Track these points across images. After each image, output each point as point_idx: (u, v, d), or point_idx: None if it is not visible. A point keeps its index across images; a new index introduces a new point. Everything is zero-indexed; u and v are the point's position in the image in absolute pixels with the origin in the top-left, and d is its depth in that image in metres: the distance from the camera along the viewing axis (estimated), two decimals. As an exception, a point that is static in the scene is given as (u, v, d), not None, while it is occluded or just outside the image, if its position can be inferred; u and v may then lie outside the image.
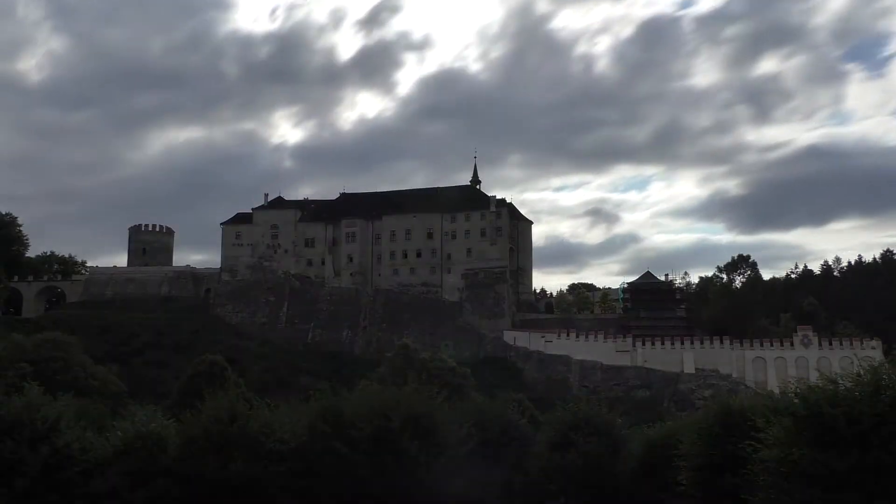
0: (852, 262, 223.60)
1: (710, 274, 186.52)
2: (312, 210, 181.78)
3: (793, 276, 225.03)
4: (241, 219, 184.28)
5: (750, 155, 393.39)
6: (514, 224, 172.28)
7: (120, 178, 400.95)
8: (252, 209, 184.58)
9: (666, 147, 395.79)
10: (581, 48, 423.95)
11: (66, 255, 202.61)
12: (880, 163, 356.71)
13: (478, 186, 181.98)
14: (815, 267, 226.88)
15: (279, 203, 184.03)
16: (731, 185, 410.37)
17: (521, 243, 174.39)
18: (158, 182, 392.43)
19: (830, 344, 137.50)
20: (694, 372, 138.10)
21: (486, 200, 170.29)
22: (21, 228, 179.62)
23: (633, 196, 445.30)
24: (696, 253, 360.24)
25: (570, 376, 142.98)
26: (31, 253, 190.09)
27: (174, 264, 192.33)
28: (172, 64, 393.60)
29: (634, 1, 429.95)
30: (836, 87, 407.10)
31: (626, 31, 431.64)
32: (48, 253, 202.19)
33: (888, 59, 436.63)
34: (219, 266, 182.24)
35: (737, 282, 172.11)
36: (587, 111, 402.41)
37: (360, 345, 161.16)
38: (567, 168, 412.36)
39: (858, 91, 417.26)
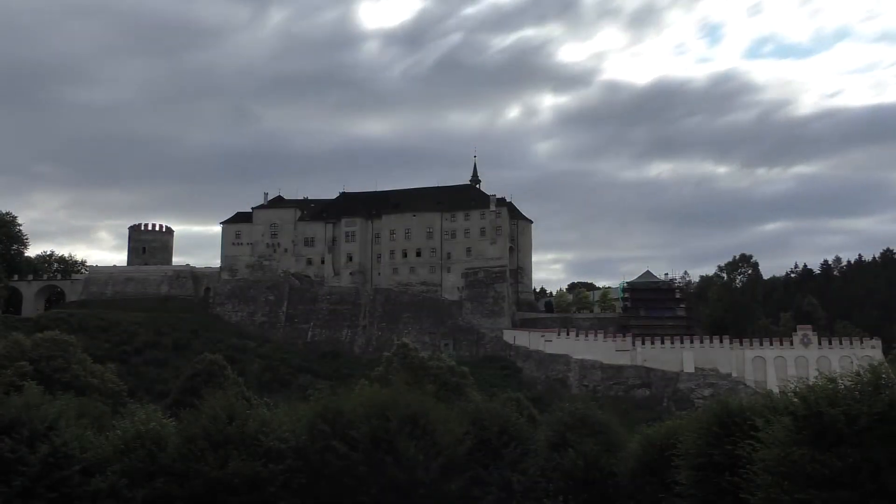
0: (852, 262, 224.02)
1: (710, 273, 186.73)
2: (312, 209, 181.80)
3: (793, 275, 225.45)
4: (240, 218, 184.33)
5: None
6: (514, 223, 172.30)
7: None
8: (252, 208, 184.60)
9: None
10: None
11: (66, 255, 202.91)
12: None
13: (478, 185, 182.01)
14: (815, 267, 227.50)
15: (279, 202, 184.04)
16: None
17: (520, 242, 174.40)
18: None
19: (830, 343, 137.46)
20: (693, 371, 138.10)
21: (485, 199, 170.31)
22: (21, 227, 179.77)
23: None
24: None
25: (569, 375, 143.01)
26: (31, 252, 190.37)
27: (173, 263, 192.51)
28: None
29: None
30: None
31: None
32: (48, 252, 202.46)
33: None
34: (218, 265, 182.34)
35: (737, 281, 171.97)
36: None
37: (359, 344, 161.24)
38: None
39: None
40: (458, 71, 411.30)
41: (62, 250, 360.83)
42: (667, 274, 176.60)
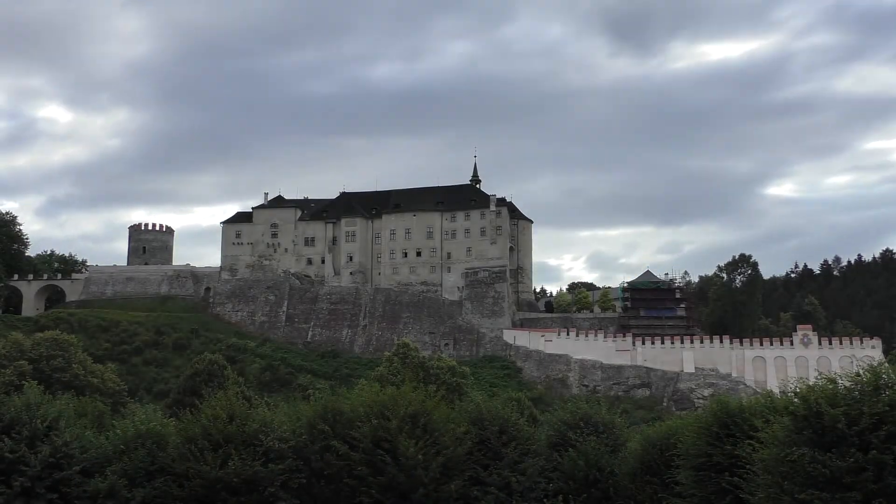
0: (852, 262, 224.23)
1: (710, 273, 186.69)
2: (312, 209, 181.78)
3: (793, 275, 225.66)
4: (241, 217, 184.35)
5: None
6: (514, 223, 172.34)
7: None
8: (252, 208, 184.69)
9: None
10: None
11: (67, 254, 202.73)
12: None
13: (478, 185, 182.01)
14: (816, 267, 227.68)
15: (279, 202, 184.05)
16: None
17: (520, 242, 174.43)
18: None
19: (830, 343, 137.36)
20: (693, 371, 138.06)
21: (485, 199, 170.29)
22: (21, 227, 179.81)
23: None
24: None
25: (569, 375, 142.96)
26: (32, 252, 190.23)
27: (174, 262, 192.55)
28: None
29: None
30: None
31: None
32: (48, 251, 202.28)
33: None
34: (219, 265, 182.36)
35: (737, 281, 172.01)
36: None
37: (359, 344, 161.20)
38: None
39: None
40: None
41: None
42: (667, 274, 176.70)
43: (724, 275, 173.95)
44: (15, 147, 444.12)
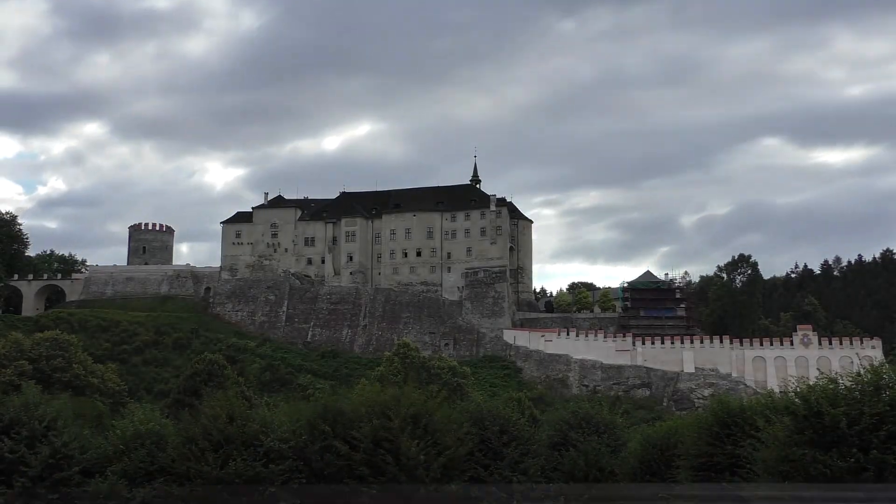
0: (852, 262, 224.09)
1: (710, 273, 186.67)
2: (312, 209, 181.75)
3: (793, 275, 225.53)
4: (241, 217, 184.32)
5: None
6: (514, 223, 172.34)
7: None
8: (252, 208, 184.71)
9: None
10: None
11: (66, 254, 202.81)
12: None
13: (478, 185, 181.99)
14: (816, 267, 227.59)
15: (279, 202, 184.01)
16: None
17: (520, 242, 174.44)
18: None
19: (830, 343, 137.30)
20: (694, 371, 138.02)
21: (486, 199, 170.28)
22: (21, 227, 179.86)
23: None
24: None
25: (569, 375, 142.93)
26: (32, 252, 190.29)
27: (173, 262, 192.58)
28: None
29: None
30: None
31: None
32: (48, 251, 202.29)
33: None
34: (219, 265, 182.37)
35: (737, 281, 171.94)
36: None
37: (359, 344, 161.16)
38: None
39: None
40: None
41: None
42: (667, 274, 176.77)
43: (724, 275, 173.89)
44: (107, 38, 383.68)
